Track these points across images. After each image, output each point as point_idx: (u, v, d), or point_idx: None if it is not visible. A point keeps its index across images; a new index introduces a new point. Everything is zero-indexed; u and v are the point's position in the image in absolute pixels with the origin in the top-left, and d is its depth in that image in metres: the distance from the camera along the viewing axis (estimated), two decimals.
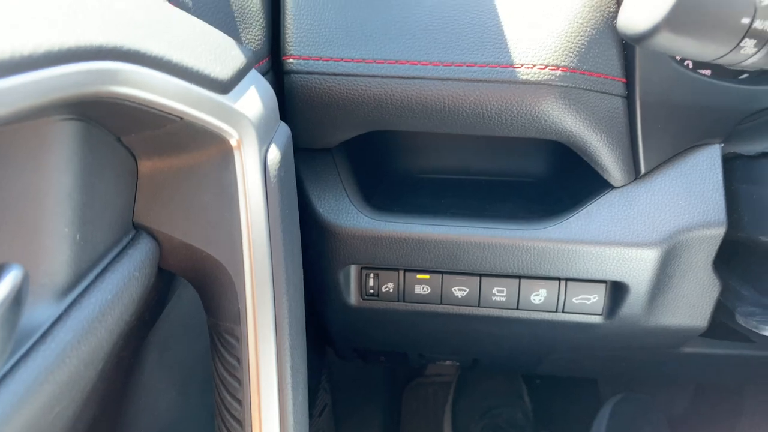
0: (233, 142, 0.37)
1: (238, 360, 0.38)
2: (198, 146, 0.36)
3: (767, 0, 0.33)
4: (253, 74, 0.42)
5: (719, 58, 0.35)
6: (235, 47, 0.40)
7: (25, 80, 0.23)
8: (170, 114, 0.32)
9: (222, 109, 0.35)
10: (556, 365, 0.91)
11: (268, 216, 0.38)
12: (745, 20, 0.33)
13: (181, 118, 0.33)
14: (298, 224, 0.46)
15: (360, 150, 0.68)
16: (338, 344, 0.88)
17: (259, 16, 0.53)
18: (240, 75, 0.39)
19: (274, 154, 0.40)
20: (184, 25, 0.37)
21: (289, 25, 0.55)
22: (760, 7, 0.33)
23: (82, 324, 0.30)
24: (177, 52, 0.33)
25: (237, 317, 0.38)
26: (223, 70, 0.37)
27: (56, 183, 0.30)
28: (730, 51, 0.34)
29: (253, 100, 0.39)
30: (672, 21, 0.33)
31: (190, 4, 0.43)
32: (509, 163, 0.75)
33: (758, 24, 0.33)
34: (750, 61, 0.35)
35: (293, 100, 0.56)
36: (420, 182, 0.74)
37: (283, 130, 0.44)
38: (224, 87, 0.36)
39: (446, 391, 1.31)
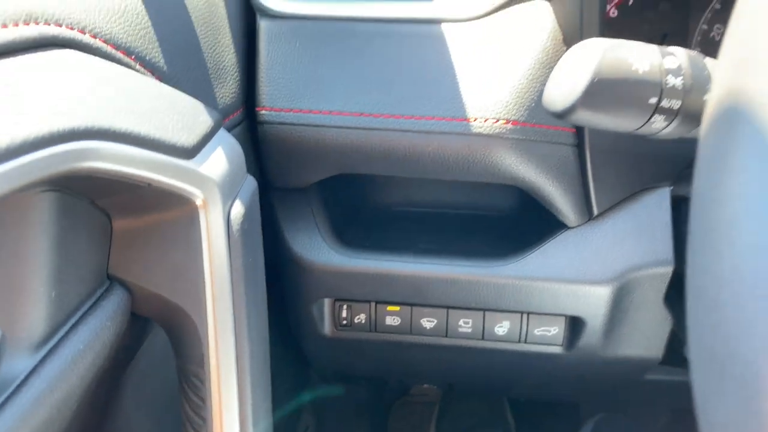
0: (198, 203, 0.40)
1: (203, 400, 0.42)
2: (166, 207, 0.40)
3: (672, 82, 0.37)
4: (220, 134, 0.46)
5: (635, 130, 0.39)
6: (202, 112, 0.44)
7: (5, 169, 0.27)
8: (139, 182, 0.36)
9: (187, 173, 0.39)
10: (528, 390, 0.94)
11: (231, 267, 0.42)
12: (653, 100, 0.37)
13: (150, 184, 0.37)
14: (263, 270, 0.49)
15: (333, 187, 0.71)
16: (318, 370, 0.91)
17: (234, 71, 0.57)
18: (206, 139, 0.42)
19: (237, 210, 0.43)
20: (153, 96, 0.40)
21: (262, 79, 0.59)
22: (666, 88, 0.36)
23: (55, 373, 0.34)
24: (145, 125, 0.36)
25: (201, 361, 0.41)
26: (189, 137, 0.40)
27: (33, 248, 0.33)
28: (643, 125, 0.38)
29: (219, 161, 0.43)
30: (586, 102, 0.36)
31: (166, 69, 0.47)
32: (478, 197, 0.78)
33: (665, 103, 0.37)
34: (662, 133, 0.39)
35: (267, 146, 0.60)
36: (392, 216, 0.78)
37: (249, 184, 0.47)
38: (190, 153, 0.40)
39: (431, 411, 1.34)
